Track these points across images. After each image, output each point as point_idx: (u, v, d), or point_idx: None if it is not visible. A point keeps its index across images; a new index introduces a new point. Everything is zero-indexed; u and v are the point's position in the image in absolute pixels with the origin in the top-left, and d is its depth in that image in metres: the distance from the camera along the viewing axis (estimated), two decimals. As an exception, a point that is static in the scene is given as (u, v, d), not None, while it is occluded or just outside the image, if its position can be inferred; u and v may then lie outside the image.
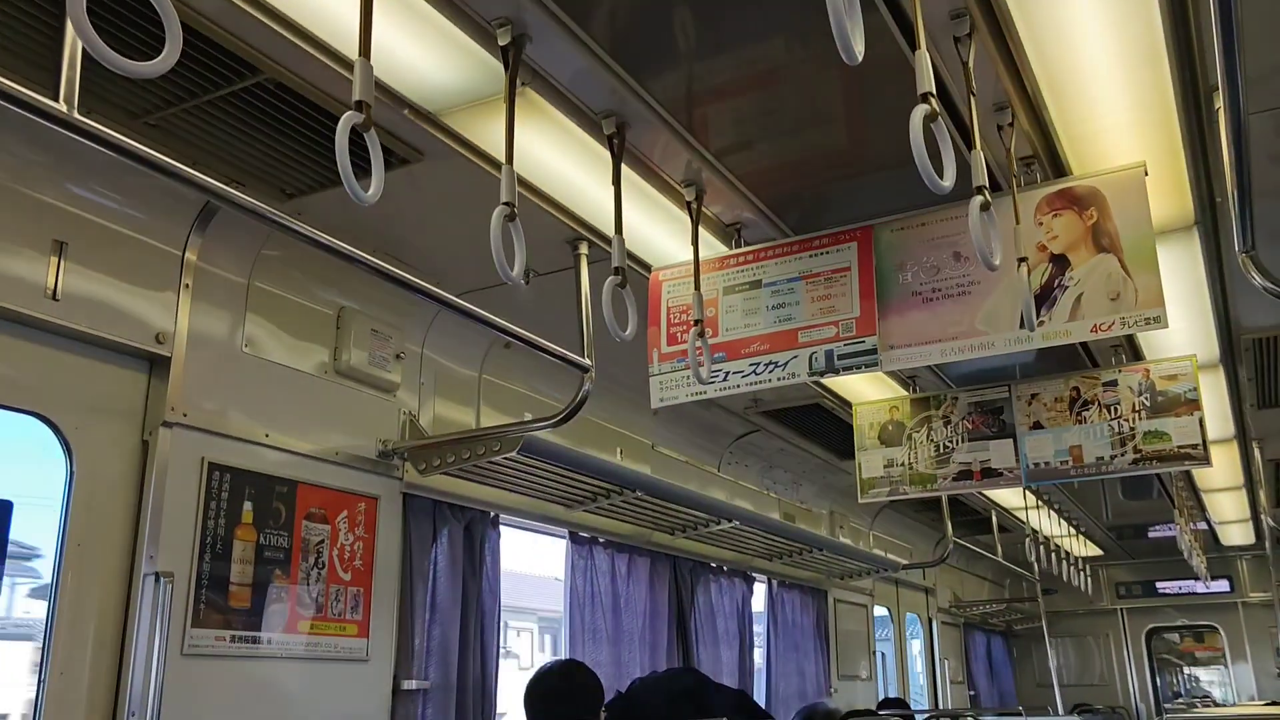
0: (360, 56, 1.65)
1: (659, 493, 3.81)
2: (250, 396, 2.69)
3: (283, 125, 2.27)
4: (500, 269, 1.90)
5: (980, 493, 5.90)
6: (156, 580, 2.34)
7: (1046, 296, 2.36)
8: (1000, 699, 9.64)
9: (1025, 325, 2.30)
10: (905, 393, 4.11)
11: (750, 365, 2.66)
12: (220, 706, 2.48)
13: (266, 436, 2.71)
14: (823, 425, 4.88)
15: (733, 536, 4.60)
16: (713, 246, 2.83)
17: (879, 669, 7.02)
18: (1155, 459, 3.49)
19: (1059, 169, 2.51)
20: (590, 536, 4.09)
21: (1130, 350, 3.72)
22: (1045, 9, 1.97)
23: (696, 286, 2.58)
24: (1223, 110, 1.63)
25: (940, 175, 1.61)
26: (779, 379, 2.61)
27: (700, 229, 2.64)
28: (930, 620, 8.12)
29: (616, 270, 2.30)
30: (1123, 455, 3.54)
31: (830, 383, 4.09)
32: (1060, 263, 2.36)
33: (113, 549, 2.34)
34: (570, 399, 2.85)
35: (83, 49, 1.35)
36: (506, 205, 1.94)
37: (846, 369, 2.55)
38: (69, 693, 2.21)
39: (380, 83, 2.04)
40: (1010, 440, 3.76)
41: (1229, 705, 9.00)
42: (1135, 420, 3.55)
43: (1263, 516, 6.95)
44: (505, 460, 3.03)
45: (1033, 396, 3.76)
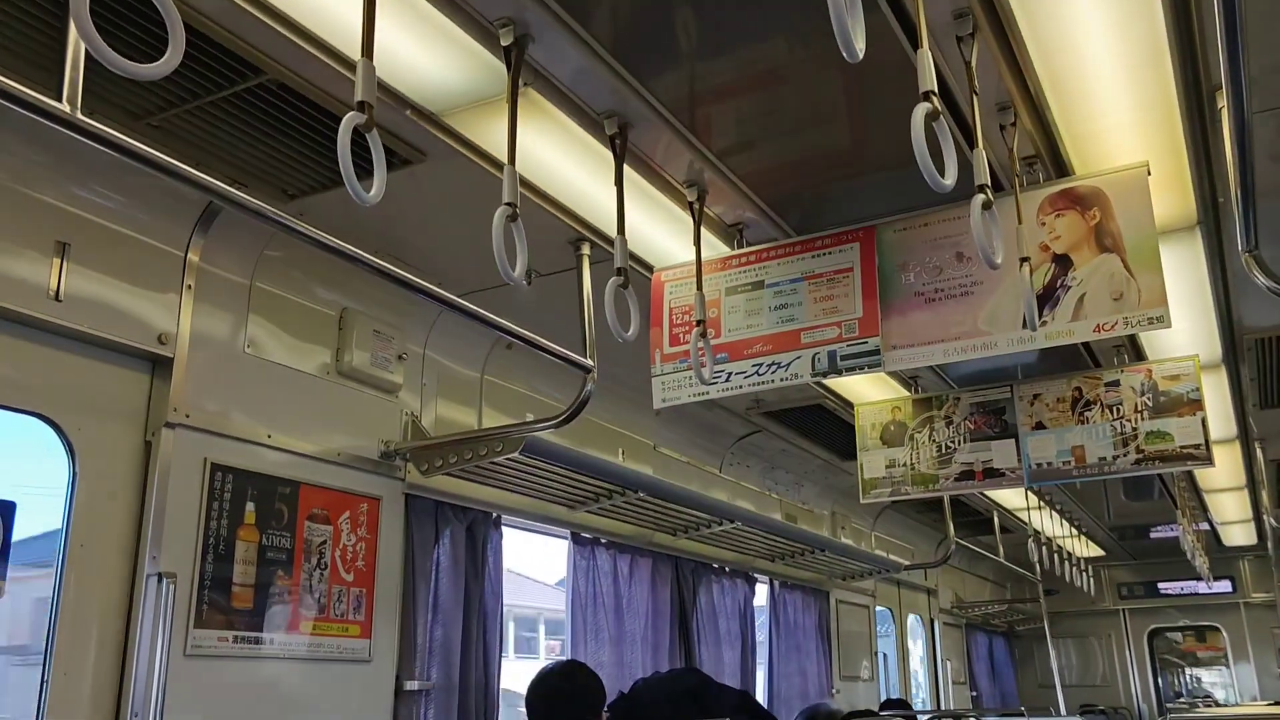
0: (363, 57, 1.65)
1: (661, 493, 3.81)
2: (253, 397, 2.69)
3: (285, 126, 2.27)
4: (502, 269, 1.90)
5: (982, 493, 5.89)
6: (159, 581, 2.34)
7: (1049, 296, 2.36)
8: (1002, 700, 9.63)
9: (1028, 325, 2.30)
10: (907, 393, 4.10)
11: (753, 366, 2.66)
12: (223, 707, 2.48)
13: (269, 437, 2.71)
14: (824, 426, 4.88)
15: (734, 537, 4.60)
16: (715, 247, 2.83)
17: (881, 669, 7.01)
18: (1158, 459, 3.49)
19: (1061, 169, 2.50)
20: (592, 537, 4.09)
21: (1132, 350, 3.72)
22: (1048, 9, 1.97)
23: (699, 287, 2.57)
24: (1226, 110, 1.62)
25: (942, 174, 1.61)
26: (782, 380, 2.61)
27: (702, 229, 2.63)
28: (932, 621, 8.12)
29: (619, 271, 2.29)
30: (1125, 455, 3.54)
31: (832, 383, 4.09)
32: (1063, 263, 2.36)
33: (115, 550, 2.34)
34: (572, 400, 2.85)
35: (85, 50, 1.35)
36: (508, 206, 1.94)
37: (849, 369, 2.55)
38: (71, 693, 2.21)
39: (382, 83, 2.04)
40: (1012, 440, 3.75)
41: (1231, 705, 8.99)
42: (1137, 420, 3.55)
43: (1265, 517, 6.94)
44: (507, 461, 3.03)
45: (1035, 397, 3.76)
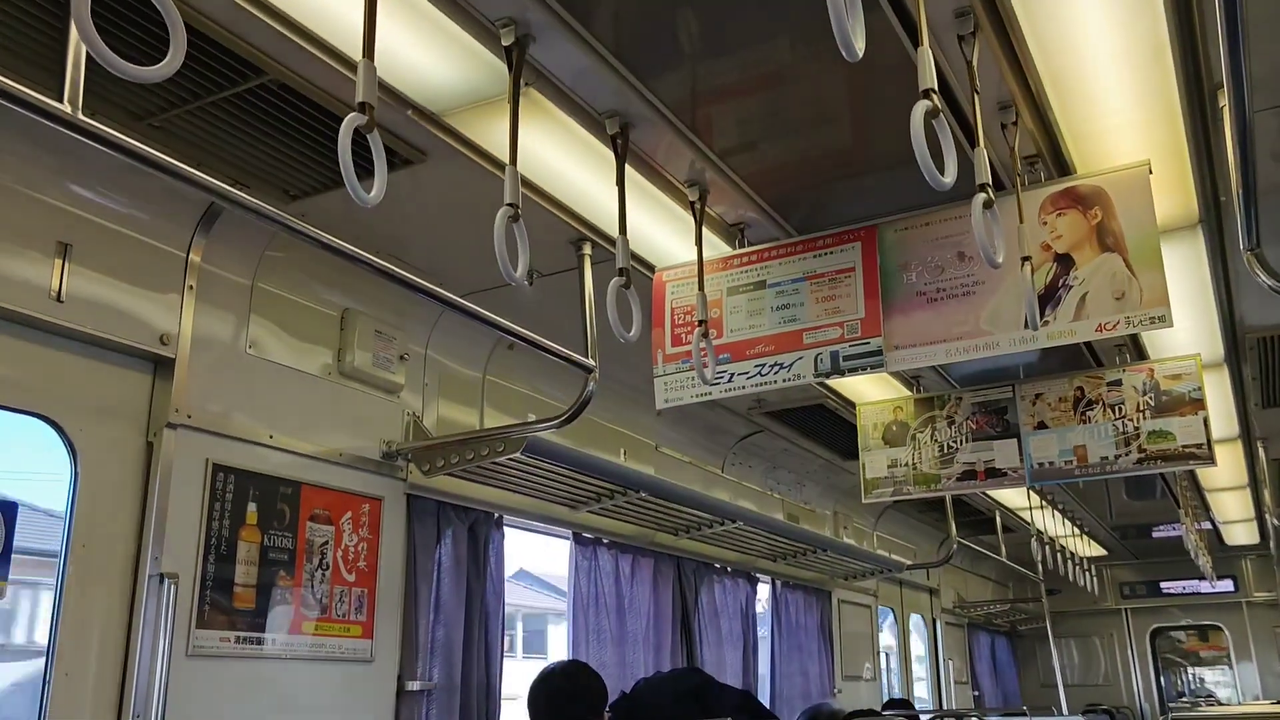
0: (364, 58, 1.65)
1: (663, 493, 3.81)
2: (254, 398, 2.69)
3: (286, 126, 2.27)
4: (504, 270, 1.90)
5: (984, 493, 5.89)
6: (161, 581, 2.34)
7: (1051, 296, 2.36)
8: (1004, 699, 9.62)
9: (1029, 325, 2.29)
10: (909, 393, 4.10)
11: (755, 366, 2.66)
12: (225, 707, 2.48)
13: (271, 438, 2.71)
14: (826, 426, 4.88)
15: (736, 537, 4.60)
16: (716, 247, 2.83)
17: (883, 669, 7.01)
18: (1160, 459, 3.48)
19: (1063, 168, 2.50)
20: (594, 537, 4.09)
21: (1134, 349, 3.72)
22: (1049, 7, 1.96)
23: (700, 287, 2.57)
24: (1227, 108, 1.62)
25: (941, 172, 1.61)
26: (785, 380, 2.61)
27: (704, 229, 2.63)
28: (934, 621, 8.11)
29: (621, 271, 2.29)
30: (1127, 455, 3.53)
31: (834, 383, 4.09)
32: (1065, 262, 2.36)
33: (117, 550, 2.34)
34: (574, 400, 2.85)
35: (87, 51, 1.35)
36: (510, 206, 1.94)
37: (852, 370, 2.55)
38: (73, 694, 2.21)
39: (384, 83, 2.04)
40: (1014, 440, 3.75)
41: (1233, 705, 8.98)
42: (1140, 420, 3.54)
43: (1267, 516, 6.93)
44: (509, 461, 3.03)
45: (1037, 396, 3.76)
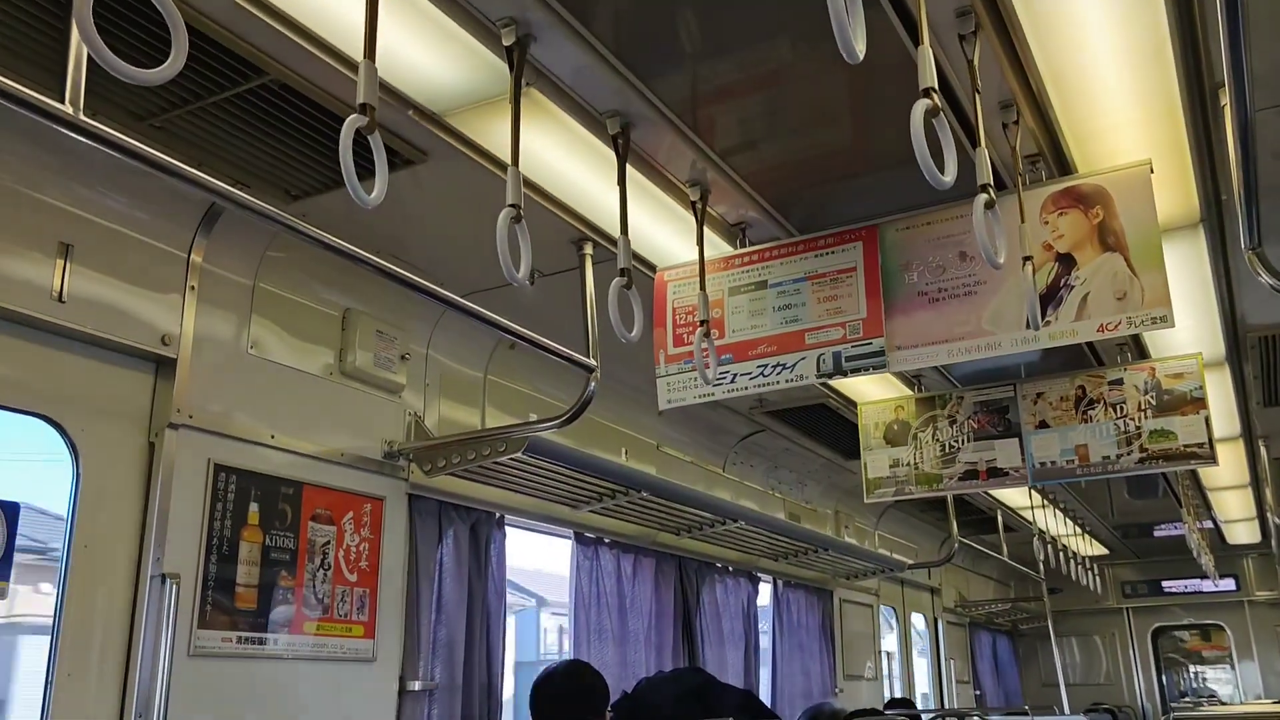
0: (365, 59, 1.64)
1: (664, 493, 3.81)
2: (256, 398, 2.70)
3: (287, 126, 2.27)
4: (507, 271, 1.90)
5: (986, 492, 5.89)
6: (163, 582, 2.35)
7: (1053, 296, 2.35)
8: (1006, 698, 9.62)
9: (1031, 325, 2.29)
10: (910, 392, 4.10)
11: (758, 367, 2.65)
12: (227, 707, 2.49)
13: (272, 438, 2.71)
14: (828, 425, 4.88)
15: (738, 536, 4.60)
16: (717, 247, 2.82)
17: (884, 668, 7.01)
18: (1161, 458, 3.48)
19: (1064, 167, 2.50)
20: (596, 537, 4.09)
21: (1136, 349, 3.71)
22: (1050, 6, 1.96)
23: (702, 287, 2.57)
24: (1229, 107, 1.62)
25: (942, 171, 1.61)
26: (787, 381, 2.61)
27: (705, 229, 2.63)
28: (936, 620, 8.11)
29: (622, 271, 2.29)
30: (1129, 454, 3.53)
31: (835, 382, 4.08)
32: (1066, 261, 2.35)
33: (119, 551, 2.35)
34: (575, 399, 2.85)
35: (88, 51, 1.35)
36: (513, 207, 1.93)
37: (854, 370, 2.54)
38: (76, 694, 2.22)
39: (385, 83, 2.04)
40: (1016, 440, 3.75)
41: (1236, 704, 8.97)
42: (1141, 419, 3.54)
43: (1269, 515, 6.92)
44: (510, 461, 3.03)
45: (1038, 395, 3.75)
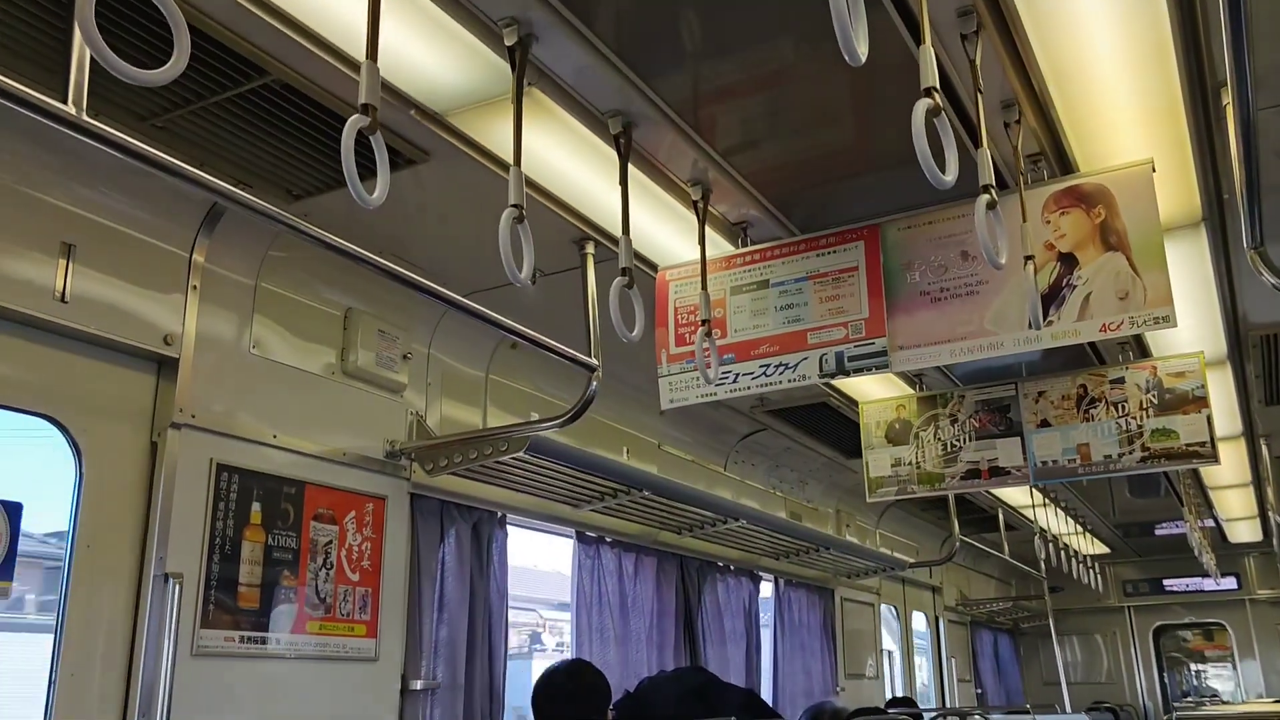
0: (367, 59, 1.65)
1: (666, 492, 3.81)
2: (258, 398, 2.70)
3: (289, 126, 2.27)
4: (509, 272, 1.90)
5: (987, 491, 5.88)
6: (166, 581, 2.35)
7: (1055, 296, 2.35)
8: (1007, 697, 9.62)
9: (1033, 325, 2.29)
10: (912, 391, 4.09)
11: (760, 367, 2.65)
12: (230, 706, 2.49)
13: (274, 437, 2.71)
14: (829, 424, 4.88)
15: (739, 535, 4.60)
16: (719, 246, 2.82)
17: (886, 667, 7.01)
18: (1163, 457, 3.48)
19: (1066, 166, 2.50)
20: (597, 536, 4.09)
21: (1137, 347, 3.71)
22: (1052, 5, 1.96)
23: (704, 286, 2.57)
24: (1231, 106, 1.62)
25: (943, 170, 1.61)
26: (790, 381, 2.60)
27: (707, 228, 2.63)
28: (937, 619, 8.11)
29: (624, 271, 2.29)
30: (1131, 453, 3.53)
31: (837, 382, 4.08)
32: (1068, 261, 2.35)
33: (122, 550, 2.35)
34: (577, 399, 2.85)
35: (90, 52, 1.36)
36: (515, 208, 1.93)
37: (857, 370, 2.54)
38: (79, 693, 2.22)
39: (387, 83, 2.04)
40: (1018, 439, 3.74)
41: (1238, 704, 8.97)
42: (1143, 418, 3.54)
43: (1270, 513, 6.92)
44: (512, 460, 3.03)
45: (1040, 394, 3.75)
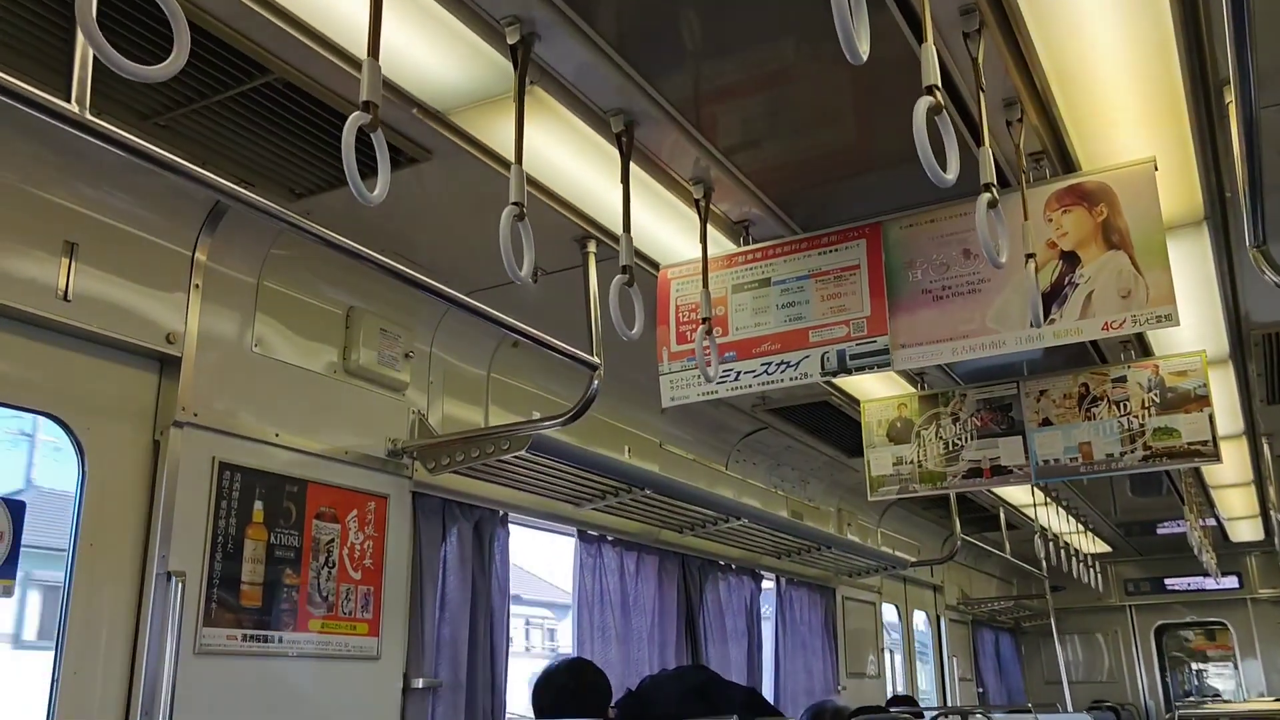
0: (368, 57, 1.65)
1: (667, 491, 3.81)
2: (260, 396, 2.70)
3: (291, 125, 2.27)
4: (510, 269, 1.90)
5: (988, 490, 5.88)
6: (168, 579, 2.35)
7: (1057, 294, 2.35)
8: (1009, 696, 9.62)
9: (1033, 323, 2.29)
10: (913, 390, 4.09)
11: (762, 365, 2.65)
12: (232, 705, 2.49)
13: (277, 436, 2.71)
14: (830, 423, 4.88)
15: (741, 534, 4.60)
16: (721, 244, 2.82)
17: (887, 666, 7.02)
18: (1165, 456, 3.47)
19: (1068, 165, 2.50)
20: (599, 534, 4.09)
21: (1139, 346, 3.71)
22: (1054, 4, 1.96)
23: (704, 284, 2.57)
24: (1234, 104, 1.62)
25: (944, 169, 1.61)
26: (791, 379, 2.60)
27: (708, 226, 2.63)
28: (938, 618, 8.11)
29: (624, 269, 2.29)
30: (1132, 452, 3.52)
31: (838, 380, 4.08)
32: (1070, 259, 2.35)
33: (125, 549, 2.35)
34: (579, 397, 2.86)
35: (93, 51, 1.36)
36: (515, 205, 1.94)
37: (859, 369, 2.54)
38: (82, 692, 2.22)
39: (389, 82, 2.04)
40: (1019, 437, 3.74)
41: (1240, 702, 8.97)
42: (1145, 417, 3.54)
43: (1272, 512, 6.91)
44: (514, 459, 3.03)
45: (1041, 393, 3.75)
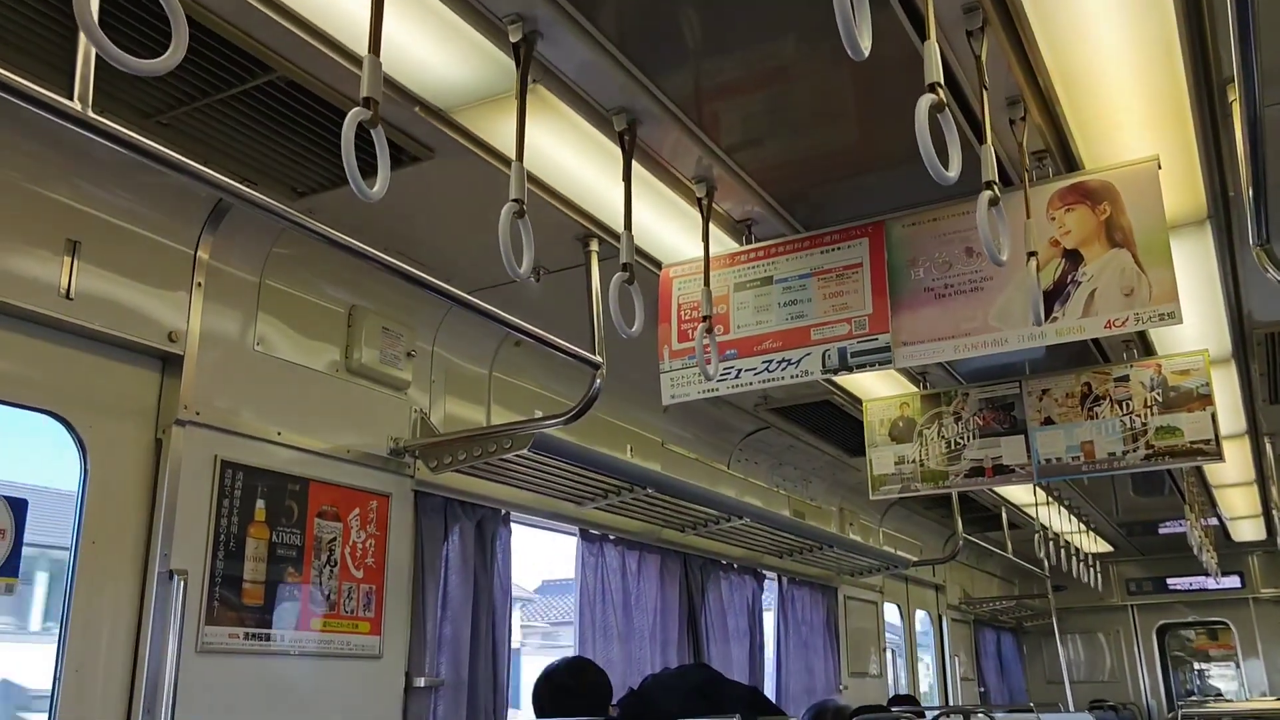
0: (369, 54, 1.65)
1: (669, 490, 3.81)
2: (262, 395, 2.70)
3: (294, 123, 2.27)
4: (509, 266, 1.90)
5: (990, 489, 5.88)
6: (171, 578, 2.35)
7: (1059, 292, 2.35)
8: (1010, 696, 9.62)
9: (1035, 321, 2.29)
10: (915, 389, 4.09)
11: (763, 363, 2.65)
12: (234, 703, 2.49)
13: (279, 435, 2.71)
14: (832, 422, 4.88)
15: (743, 533, 4.60)
16: (723, 243, 2.82)
17: (889, 665, 7.01)
18: (1167, 455, 3.47)
19: (1071, 163, 2.49)
20: (601, 534, 4.09)
21: (1142, 345, 3.71)
22: (1058, 2, 1.96)
23: (706, 283, 2.57)
24: (1238, 103, 1.62)
25: (946, 166, 1.61)
26: (792, 377, 2.60)
27: (711, 225, 2.63)
28: (940, 617, 8.11)
29: (624, 267, 2.29)
30: (1135, 451, 3.52)
31: (840, 379, 4.08)
32: (1073, 258, 2.35)
33: (127, 547, 2.35)
34: (581, 396, 2.86)
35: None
36: (515, 202, 1.93)
37: (860, 366, 2.54)
38: (84, 690, 2.22)
39: (391, 80, 2.04)
40: (1021, 436, 3.74)
41: (1243, 701, 8.96)
42: (1147, 416, 3.53)
43: (1274, 512, 6.90)
44: (516, 458, 3.03)
45: (1044, 392, 3.74)
